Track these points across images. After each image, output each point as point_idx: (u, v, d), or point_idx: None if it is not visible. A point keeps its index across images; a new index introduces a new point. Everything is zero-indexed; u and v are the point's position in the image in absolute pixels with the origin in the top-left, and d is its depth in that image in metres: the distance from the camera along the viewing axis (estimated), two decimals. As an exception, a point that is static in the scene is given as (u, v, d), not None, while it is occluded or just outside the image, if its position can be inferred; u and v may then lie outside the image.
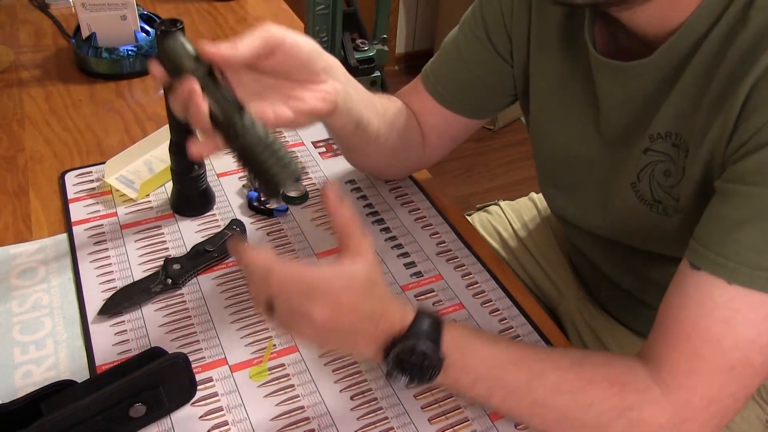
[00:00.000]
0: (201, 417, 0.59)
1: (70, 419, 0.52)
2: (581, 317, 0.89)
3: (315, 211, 0.81)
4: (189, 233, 0.77)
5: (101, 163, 0.85)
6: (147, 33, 1.09)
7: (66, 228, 0.77)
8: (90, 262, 0.73)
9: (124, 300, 0.67)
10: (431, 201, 0.85)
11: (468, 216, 1.02)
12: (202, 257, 0.72)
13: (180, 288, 0.70)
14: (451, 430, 0.60)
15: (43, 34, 1.18)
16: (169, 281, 0.69)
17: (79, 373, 0.61)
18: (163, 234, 0.77)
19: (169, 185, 0.81)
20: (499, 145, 2.55)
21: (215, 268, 0.73)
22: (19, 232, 0.77)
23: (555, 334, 0.70)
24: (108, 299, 0.67)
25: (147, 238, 0.76)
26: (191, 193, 0.79)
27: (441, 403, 0.61)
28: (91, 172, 0.85)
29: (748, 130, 0.51)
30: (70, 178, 0.84)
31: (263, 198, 0.81)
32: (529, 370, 0.56)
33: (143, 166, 0.86)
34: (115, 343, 0.64)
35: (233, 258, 0.54)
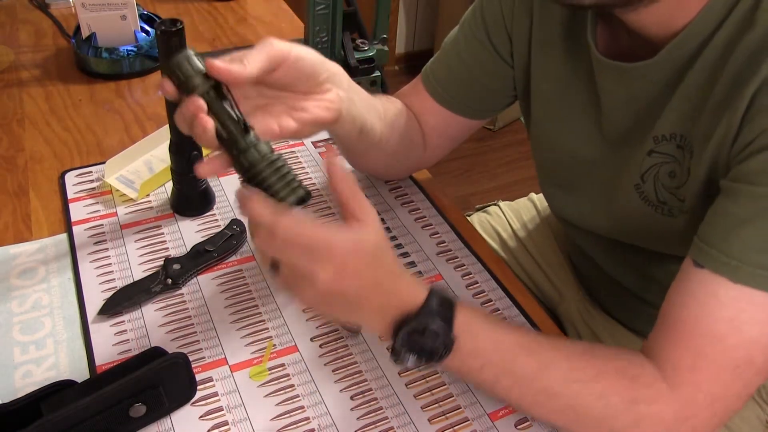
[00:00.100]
0: (201, 417, 0.59)
1: (70, 419, 0.52)
2: (581, 318, 0.89)
3: (315, 211, 0.81)
4: (189, 233, 0.77)
5: (101, 163, 0.85)
6: (147, 33, 1.09)
7: (66, 228, 0.77)
8: (90, 262, 0.73)
9: (124, 300, 0.67)
10: (431, 201, 0.85)
11: (467, 216, 1.02)
12: (202, 257, 0.72)
13: (180, 288, 0.70)
14: (451, 430, 0.60)
15: (43, 34, 1.18)
16: (169, 281, 0.69)
17: (79, 373, 0.61)
18: (163, 234, 0.77)
19: (169, 185, 0.81)
20: (499, 145, 2.55)
21: (215, 268, 0.73)
22: (19, 232, 0.77)
23: (555, 334, 0.70)
24: (108, 299, 0.67)
25: (147, 238, 0.76)
26: (191, 193, 0.79)
27: (441, 403, 0.61)
28: (91, 172, 0.85)
29: (753, 131, 0.51)
30: (70, 178, 0.84)
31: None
32: (540, 357, 0.55)
33: (143, 166, 0.86)
34: (115, 343, 0.64)
35: (239, 209, 0.51)
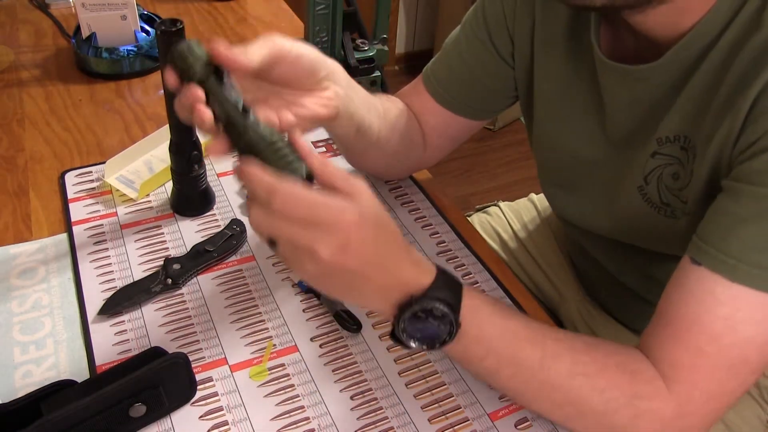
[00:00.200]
0: (201, 417, 0.59)
1: (70, 419, 0.52)
2: (581, 318, 0.89)
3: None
4: (189, 233, 0.77)
5: (101, 163, 0.85)
6: (147, 33, 1.09)
7: (66, 228, 0.77)
8: (90, 262, 0.73)
9: (124, 300, 0.67)
10: (431, 201, 0.85)
11: (467, 217, 1.02)
12: (202, 257, 0.72)
13: (180, 288, 0.70)
14: (451, 430, 0.60)
15: (43, 34, 1.18)
16: (169, 281, 0.69)
17: (79, 373, 0.61)
18: (163, 234, 0.77)
19: (169, 185, 0.81)
20: (499, 145, 2.55)
21: (215, 268, 0.73)
22: (19, 232, 0.77)
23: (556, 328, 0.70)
24: (108, 299, 0.67)
25: (147, 237, 0.76)
26: (191, 193, 0.79)
27: (441, 403, 0.61)
28: (91, 172, 0.85)
29: (756, 131, 0.51)
30: (70, 178, 0.84)
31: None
32: (545, 348, 0.54)
33: (143, 166, 0.86)
34: (115, 343, 0.64)
35: (237, 180, 0.49)
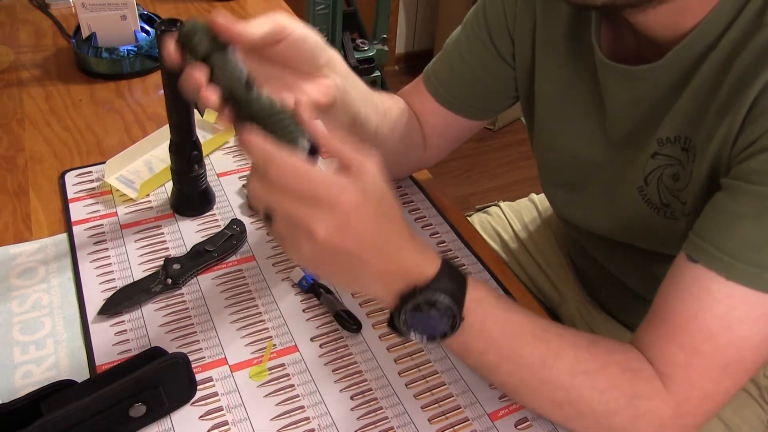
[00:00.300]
0: (201, 417, 0.59)
1: (70, 419, 0.52)
2: (582, 318, 0.89)
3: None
4: (189, 233, 0.77)
5: (101, 163, 0.85)
6: (147, 33, 1.09)
7: (66, 228, 0.77)
8: (90, 262, 0.73)
9: (124, 300, 0.67)
10: (431, 201, 0.85)
11: (467, 217, 1.02)
12: (202, 257, 0.72)
13: (180, 288, 0.70)
14: (451, 430, 0.60)
15: (43, 34, 1.18)
16: (169, 281, 0.69)
17: (79, 373, 0.61)
18: (163, 234, 0.77)
19: (169, 185, 0.81)
20: (499, 145, 2.55)
21: (215, 268, 0.73)
22: (19, 232, 0.77)
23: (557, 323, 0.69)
24: (108, 299, 0.67)
25: (147, 237, 0.76)
26: (191, 193, 0.79)
27: (441, 403, 0.61)
28: (91, 172, 0.85)
29: (755, 131, 0.51)
30: (70, 178, 0.84)
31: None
32: (547, 345, 0.54)
33: (143, 166, 0.86)
34: (115, 343, 0.64)
35: (237, 143, 0.48)
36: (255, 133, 0.46)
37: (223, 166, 0.88)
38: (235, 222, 0.77)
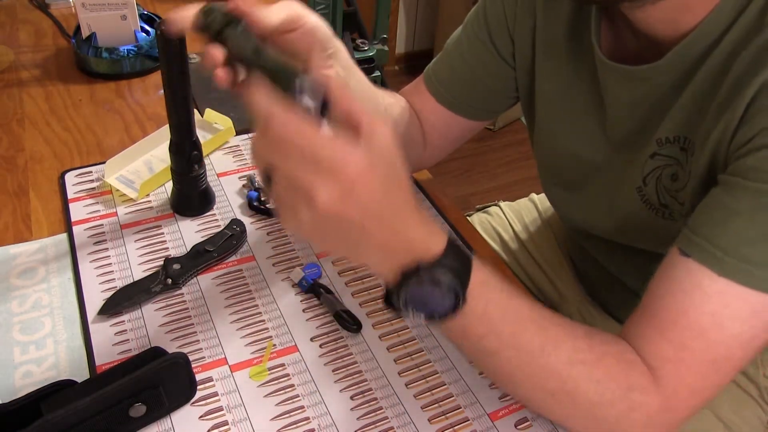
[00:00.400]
0: (201, 417, 0.59)
1: (70, 419, 0.52)
2: (582, 318, 0.89)
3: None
4: (189, 233, 0.77)
5: (101, 163, 0.85)
6: (147, 33, 1.09)
7: (66, 228, 0.77)
8: (90, 262, 0.73)
9: (124, 300, 0.67)
10: (431, 201, 0.85)
11: (468, 217, 1.02)
12: (202, 257, 0.72)
13: (180, 288, 0.70)
14: (451, 430, 0.59)
15: (43, 34, 1.18)
16: (169, 281, 0.69)
17: (79, 373, 0.61)
18: (163, 234, 0.77)
19: (169, 185, 0.81)
20: (499, 145, 2.55)
21: (215, 268, 0.73)
22: (19, 232, 0.77)
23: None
24: (108, 299, 0.67)
25: (147, 237, 0.76)
26: (191, 193, 0.79)
27: (441, 403, 0.61)
28: (91, 172, 0.85)
29: (752, 129, 0.50)
30: (70, 178, 0.84)
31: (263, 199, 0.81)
32: (547, 333, 0.53)
33: (143, 166, 0.86)
34: (115, 343, 0.64)
35: (246, 105, 0.44)
36: (260, 86, 0.43)
37: (223, 166, 0.88)
38: (235, 222, 0.77)
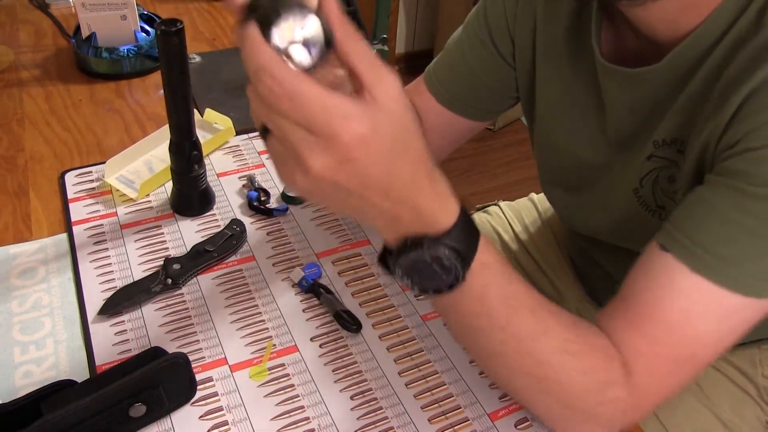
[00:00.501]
0: (201, 417, 0.59)
1: (70, 419, 0.52)
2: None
3: (315, 211, 0.81)
4: (189, 233, 0.77)
5: (101, 163, 0.85)
6: (147, 33, 1.09)
7: (66, 228, 0.77)
8: (90, 262, 0.73)
9: (124, 300, 0.67)
10: (431, 201, 0.85)
11: (468, 216, 1.02)
12: (202, 257, 0.72)
13: (180, 288, 0.70)
14: (451, 430, 0.60)
15: (43, 34, 1.18)
16: (169, 281, 0.69)
17: (79, 373, 0.61)
18: (163, 234, 0.77)
19: (169, 185, 0.81)
20: (499, 145, 2.55)
21: (215, 268, 0.73)
22: (19, 232, 0.77)
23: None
24: (108, 299, 0.67)
25: (147, 237, 0.76)
26: (191, 193, 0.79)
27: (441, 403, 0.61)
28: (91, 172, 0.85)
29: (739, 131, 0.50)
30: (70, 178, 0.84)
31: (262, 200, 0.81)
32: (540, 320, 0.52)
33: (143, 166, 0.86)
34: (115, 343, 0.64)
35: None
36: (252, 33, 0.38)
37: (223, 166, 0.88)
38: (235, 222, 0.77)
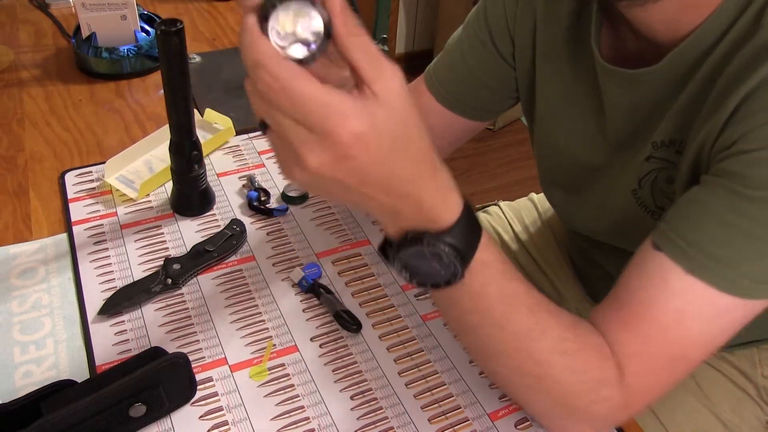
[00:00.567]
0: (201, 417, 0.59)
1: (70, 419, 0.52)
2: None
3: (315, 211, 0.81)
4: (189, 233, 0.77)
5: (101, 163, 0.85)
6: (147, 33, 1.09)
7: (66, 228, 0.77)
8: (90, 261, 0.73)
9: (124, 300, 0.67)
10: (431, 201, 0.85)
11: (468, 216, 1.02)
12: (202, 257, 0.72)
13: (180, 288, 0.70)
14: (451, 430, 0.60)
15: (43, 34, 1.18)
16: (169, 281, 0.69)
17: (79, 373, 0.61)
18: (163, 234, 0.77)
19: (169, 185, 0.81)
20: (499, 145, 2.55)
21: (215, 268, 0.73)
22: (19, 232, 0.77)
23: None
24: (108, 299, 0.67)
25: (147, 237, 0.76)
26: (191, 193, 0.79)
27: (441, 403, 0.61)
28: (91, 171, 0.85)
29: (735, 133, 0.50)
30: (70, 177, 0.84)
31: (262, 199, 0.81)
32: (537, 319, 0.52)
33: (143, 165, 0.86)
34: (115, 343, 0.64)
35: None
36: (250, 26, 0.37)
37: (223, 166, 0.88)
38: (235, 222, 0.77)
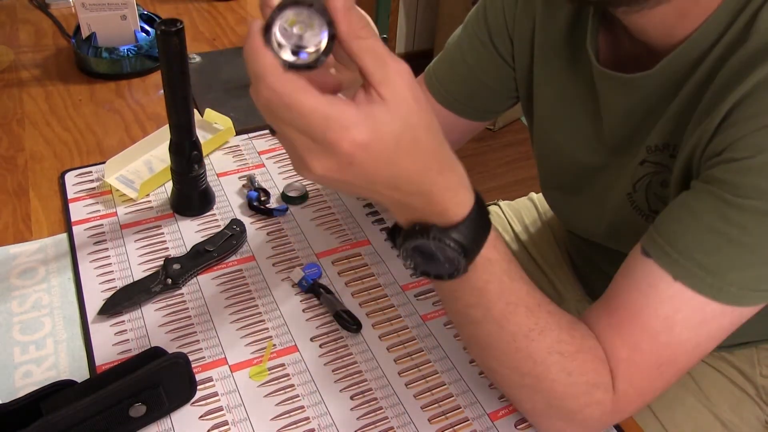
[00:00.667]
0: (201, 417, 0.59)
1: (70, 419, 0.52)
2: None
3: (315, 211, 0.81)
4: (189, 233, 0.77)
5: (101, 163, 0.85)
6: (147, 33, 1.09)
7: (66, 228, 0.77)
8: (90, 261, 0.73)
9: (124, 300, 0.67)
10: (431, 201, 0.85)
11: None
12: (202, 257, 0.72)
13: (180, 288, 0.70)
14: (451, 430, 0.60)
15: (43, 34, 1.18)
16: (169, 281, 0.69)
17: (79, 373, 0.61)
18: (163, 234, 0.77)
19: (169, 185, 0.81)
20: (499, 145, 2.55)
21: (215, 268, 0.73)
22: (19, 232, 0.77)
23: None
24: (108, 299, 0.67)
25: (147, 237, 0.76)
26: (191, 193, 0.79)
27: (441, 403, 0.61)
28: (91, 172, 0.85)
29: (724, 141, 0.50)
30: (70, 178, 0.84)
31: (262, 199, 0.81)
32: (536, 319, 0.52)
33: (143, 165, 0.86)
34: (115, 343, 0.64)
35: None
36: (253, 37, 0.38)
37: (223, 166, 0.88)
38: (235, 222, 0.77)
